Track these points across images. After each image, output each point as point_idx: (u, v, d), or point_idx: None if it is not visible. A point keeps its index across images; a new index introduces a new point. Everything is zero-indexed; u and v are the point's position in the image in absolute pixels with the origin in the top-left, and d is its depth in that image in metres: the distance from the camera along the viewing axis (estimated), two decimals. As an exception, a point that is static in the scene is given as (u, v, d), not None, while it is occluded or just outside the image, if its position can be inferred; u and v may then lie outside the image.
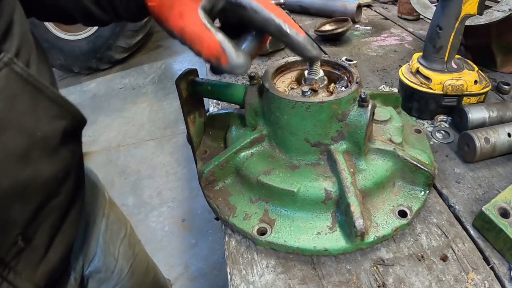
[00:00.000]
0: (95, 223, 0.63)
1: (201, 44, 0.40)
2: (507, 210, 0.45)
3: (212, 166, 0.52)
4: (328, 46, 1.06)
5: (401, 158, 0.49)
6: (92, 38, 3.14)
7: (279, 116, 0.49)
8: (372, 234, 0.45)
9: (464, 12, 0.60)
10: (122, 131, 2.45)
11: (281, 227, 0.48)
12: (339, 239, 0.46)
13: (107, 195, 0.71)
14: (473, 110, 0.62)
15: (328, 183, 0.48)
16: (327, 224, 0.47)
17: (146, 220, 1.79)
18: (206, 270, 1.52)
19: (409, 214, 0.48)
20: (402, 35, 1.08)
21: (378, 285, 0.43)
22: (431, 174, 0.49)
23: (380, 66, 0.92)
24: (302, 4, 1.30)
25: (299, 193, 0.47)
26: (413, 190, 0.50)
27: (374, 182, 0.48)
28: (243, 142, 0.52)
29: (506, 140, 0.56)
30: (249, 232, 0.48)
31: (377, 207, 0.48)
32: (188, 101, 0.57)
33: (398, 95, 0.65)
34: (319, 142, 0.49)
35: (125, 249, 0.70)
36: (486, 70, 0.83)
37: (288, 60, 0.56)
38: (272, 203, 0.50)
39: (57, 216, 0.43)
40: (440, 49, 0.64)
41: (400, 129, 0.54)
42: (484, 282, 0.42)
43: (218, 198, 0.53)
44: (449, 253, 0.45)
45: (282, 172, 0.50)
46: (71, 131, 0.42)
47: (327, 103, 0.46)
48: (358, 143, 0.48)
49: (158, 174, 2.06)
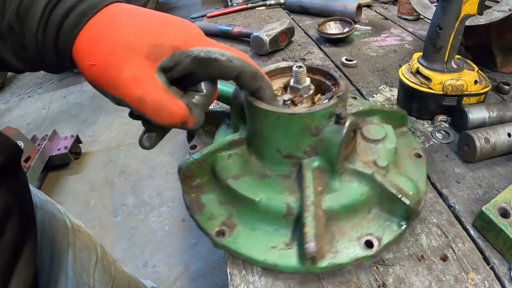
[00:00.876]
0: (60, 256, 0.60)
1: (166, 113, 0.34)
2: (507, 210, 0.45)
3: (189, 162, 0.52)
4: (328, 46, 1.06)
5: (378, 184, 0.45)
6: (92, 38, 3.13)
7: (254, 122, 0.48)
8: (327, 260, 0.42)
9: (464, 12, 0.60)
10: (122, 131, 2.45)
11: (240, 233, 0.47)
12: (292, 257, 0.43)
13: (70, 223, 0.67)
14: (473, 110, 0.62)
15: (292, 198, 0.45)
16: (285, 240, 0.45)
17: (146, 220, 1.79)
18: (206, 270, 1.52)
19: (376, 245, 0.43)
20: (402, 35, 1.08)
21: (378, 285, 0.43)
22: (410, 207, 0.43)
23: (380, 66, 0.92)
24: (302, 4, 1.30)
25: (261, 203, 0.46)
26: (389, 221, 0.46)
27: (343, 206, 0.45)
28: (222, 143, 0.52)
29: (506, 140, 0.56)
30: (208, 232, 0.48)
31: (343, 233, 0.45)
32: None
33: (403, 113, 0.61)
34: (291, 154, 0.47)
35: (101, 274, 0.66)
36: (486, 70, 0.83)
37: (279, 65, 0.54)
38: (238, 209, 0.49)
39: (7, 256, 0.39)
40: (440, 49, 0.64)
41: (391, 151, 0.50)
42: (484, 282, 0.42)
43: (192, 194, 0.53)
44: (449, 253, 0.45)
45: (251, 180, 0.49)
46: (7, 166, 0.39)
47: (298, 116, 0.43)
48: (332, 161, 0.45)
49: (158, 174, 2.06)
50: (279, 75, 0.55)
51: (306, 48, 1.06)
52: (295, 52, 1.04)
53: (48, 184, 2.07)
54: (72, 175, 2.13)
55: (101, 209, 1.89)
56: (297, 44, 1.09)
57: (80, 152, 2.26)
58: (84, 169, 2.17)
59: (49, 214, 0.63)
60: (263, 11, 1.39)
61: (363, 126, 0.55)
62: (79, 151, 2.25)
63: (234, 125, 0.55)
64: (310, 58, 1.00)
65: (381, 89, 0.82)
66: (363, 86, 0.84)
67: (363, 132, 0.53)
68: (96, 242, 0.72)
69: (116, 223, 1.80)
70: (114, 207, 1.89)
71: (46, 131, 2.18)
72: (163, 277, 1.51)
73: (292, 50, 1.06)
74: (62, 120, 2.64)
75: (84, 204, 1.93)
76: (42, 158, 1.98)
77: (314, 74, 0.52)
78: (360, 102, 0.59)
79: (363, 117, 0.57)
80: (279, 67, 0.54)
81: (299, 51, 1.04)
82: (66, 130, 2.52)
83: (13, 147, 0.40)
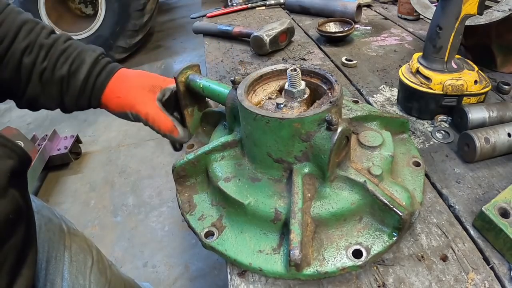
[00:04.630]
0: (56, 259, 0.62)
1: (160, 124, 0.57)
2: (507, 210, 0.45)
3: (183, 162, 0.52)
4: (328, 46, 1.06)
5: (370, 193, 0.43)
6: (92, 38, 3.14)
7: (245, 125, 0.47)
8: (313, 268, 0.42)
9: (464, 12, 0.60)
10: (122, 131, 2.45)
11: (228, 235, 0.47)
12: (277, 263, 0.43)
13: (66, 226, 0.69)
14: (473, 110, 0.62)
15: (281, 203, 0.45)
16: (272, 245, 0.45)
17: (146, 220, 1.79)
18: (206, 270, 1.52)
19: (365, 255, 0.42)
20: (402, 35, 1.08)
21: (378, 285, 0.43)
22: (402, 219, 0.42)
23: (380, 66, 0.92)
24: (302, 4, 1.30)
25: (249, 206, 0.46)
26: (380, 231, 0.44)
27: (332, 213, 0.44)
28: (216, 145, 0.52)
29: (506, 140, 0.56)
30: (198, 232, 0.48)
31: (331, 240, 0.44)
32: (186, 95, 0.60)
33: (404, 120, 0.59)
34: (281, 159, 0.46)
35: (97, 277, 0.68)
36: (486, 70, 0.83)
37: (276, 67, 0.53)
38: (227, 211, 0.49)
39: (14, 259, 0.43)
40: (440, 49, 0.64)
41: (387, 159, 0.49)
42: (484, 282, 0.41)
43: (185, 194, 0.54)
44: (449, 253, 0.45)
45: (242, 182, 0.49)
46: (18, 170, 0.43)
47: (287, 121, 0.42)
48: (322, 168, 0.45)
49: (158, 174, 2.06)
50: (275, 77, 0.53)
51: (306, 48, 1.06)
52: (295, 52, 1.04)
53: (48, 184, 2.07)
54: (72, 175, 2.13)
55: (101, 209, 1.89)
56: (297, 44, 1.09)
57: (80, 152, 2.26)
58: (84, 169, 2.17)
59: (45, 218, 0.65)
60: (263, 11, 1.39)
61: (361, 131, 0.54)
62: (79, 151, 2.25)
63: (229, 126, 0.55)
64: (310, 58, 1.00)
65: (381, 89, 0.82)
66: (363, 86, 0.84)
67: (359, 138, 0.52)
68: (92, 245, 0.74)
69: (116, 223, 1.80)
70: (114, 207, 1.89)
71: (46, 131, 2.19)
72: (163, 277, 1.51)
73: (292, 50, 1.06)
74: (62, 120, 2.64)
75: (84, 204, 1.93)
76: (42, 158, 1.98)
77: (311, 78, 0.51)
78: (359, 107, 0.58)
79: (361, 122, 0.56)
80: (275, 69, 0.53)
81: (299, 51, 1.04)
82: (66, 130, 2.52)
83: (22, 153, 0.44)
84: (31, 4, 2.95)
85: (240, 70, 0.97)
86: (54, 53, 0.56)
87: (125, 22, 3.13)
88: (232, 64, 1.01)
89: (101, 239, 1.71)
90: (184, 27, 4.09)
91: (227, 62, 1.02)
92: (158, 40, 3.90)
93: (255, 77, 0.51)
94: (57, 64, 0.56)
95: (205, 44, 1.17)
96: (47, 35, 0.57)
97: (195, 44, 3.57)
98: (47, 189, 2.03)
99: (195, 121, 0.63)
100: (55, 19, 3.11)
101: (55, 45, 0.57)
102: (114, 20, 3.11)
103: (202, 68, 0.66)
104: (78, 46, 0.59)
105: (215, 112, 0.63)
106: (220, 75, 0.95)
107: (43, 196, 1.98)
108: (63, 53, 0.57)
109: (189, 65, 0.59)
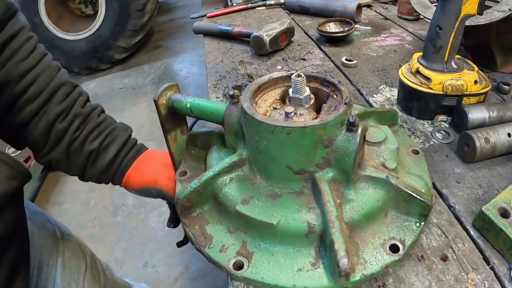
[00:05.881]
0: (48, 266, 0.62)
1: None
2: (507, 210, 0.45)
3: (188, 192, 0.48)
4: (328, 46, 1.06)
5: (394, 187, 0.44)
6: (92, 38, 3.14)
7: (258, 140, 0.44)
8: (359, 272, 0.41)
9: (464, 12, 0.60)
10: (122, 131, 2.45)
11: (259, 261, 0.44)
12: (322, 277, 0.41)
13: (60, 232, 0.68)
14: (473, 110, 0.62)
15: (312, 215, 0.43)
16: (310, 260, 0.43)
17: (146, 220, 1.79)
18: (206, 270, 1.52)
19: (402, 249, 0.43)
20: (402, 35, 1.08)
21: (378, 285, 0.43)
22: (427, 205, 0.43)
23: (380, 66, 0.92)
24: (302, 4, 1.31)
25: (279, 225, 0.43)
26: (407, 221, 0.45)
27: (363, 214, 0.43)
28: (222, 167, 0.48)
29: (506, 140, 0.56)
30: (224, 266, 0.44)
31: (366, 241, 0.43)
32: (168, 118, 0.54)
33: (394, 112, 0.60)
34: (302, 169, 0.44)
35: (90, 283, 0.67)
36: (486, 70, 0.83)
37: (272, 76, 0.51)
38: (251, 235, 0.45)
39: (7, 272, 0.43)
40: (440, 49, 0.64)
41: (395, 152, 0.49)
42: (484, 282, 0.41)
43: (195, 226, 0.49)
44: (449, 253, 0.45)
45: (262, 202, 0.45)
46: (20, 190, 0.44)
47: (310, 128, 0.41)
48: (346, 171, 0.43)
49: (158, 174, 2.05)
50: (272, 86, 0.52)
51: (306, 48, 1.06)
52: (295, 52, 1.04)
53: (48, 184, 2.06)
54: (72, 175, 2.13)
55: (101, 209, 1.89)
56: (297, 44, 1.09)
57: (80, 152, 2.25)
58: (84, 169, 2.17)
59: (38, 224, 0.65)
60: (263, 11, 1.39)
61: None
62: (79, 151, 2.25)
63: (230, 145, 0.51)
64: (310, 58, 1.00)
65: (381, 89, 0.82)
66: (363, 86, 0.84)
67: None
68: (86, 251, 0.73)
69: (116, 223, 1.80)
70: (114, 207, 1.89)
71: (46, 131, 2.18)
72: (163, 277, 1.51)
73: (292, 50, 1.06)
74: (62, 120, 2.64)
75: (84, 204, 1.93)
76: (42, 158, 1.98)
77: (309, 82, 0.50)
78: (354, 106, 0.57)
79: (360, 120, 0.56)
80: (271, 78, 0.51)
81: (299, 51, 1.04)
82: (66, 130, 2.52)
83: (26, 173, 0.44)
84: (31, 4, 2.95)
85: (240, 70, 0.97)
86: (89, 125, 0.56)
87: (125, 22, 3.13)
88: (232, 64, 1.01)
89: (101, 239, 1.71)
90: (184, 27, 4.09)
91: (227, 62, 1.02)
92: (158, 40, 3.90)
93: (254, 89, 0.49)
94: (89, 137, 0.56)
95: (205, 44, 1.17)
96: (83, 104, 0.57)
97: (195, 44, 3.57)
98: (47, 189, 2.03)
99: (179, 145, 0.57)
100: (55, 19, 3.11)
101: (90, 116, 0.57)
102: (114, 20, 3.11)
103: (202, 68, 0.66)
104: (112, 122, 0.60)
105: (204, 133, 0.57)
106: (220, 75, 0.95)
107: (43, 196, 1.98)
108: (97, 127, 0.57)
109: (168, 86, 0.53)
